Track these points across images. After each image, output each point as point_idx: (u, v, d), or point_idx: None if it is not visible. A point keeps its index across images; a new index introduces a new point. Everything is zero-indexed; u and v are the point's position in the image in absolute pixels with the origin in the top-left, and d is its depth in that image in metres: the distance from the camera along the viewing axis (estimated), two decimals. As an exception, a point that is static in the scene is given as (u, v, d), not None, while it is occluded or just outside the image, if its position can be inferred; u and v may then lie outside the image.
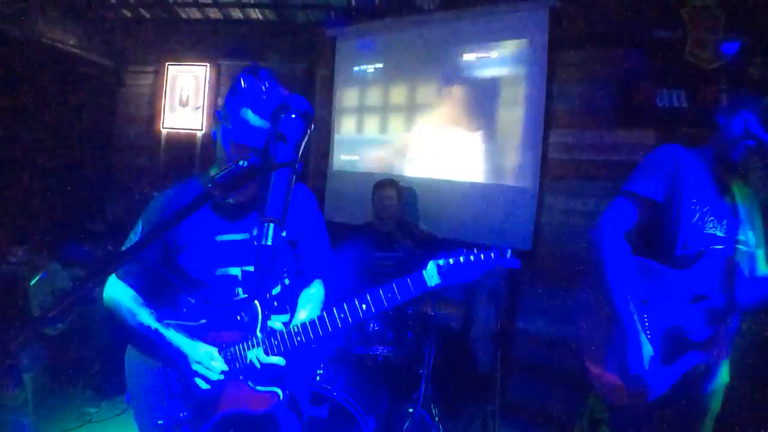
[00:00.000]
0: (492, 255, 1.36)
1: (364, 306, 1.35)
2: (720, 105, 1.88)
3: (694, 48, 2.95)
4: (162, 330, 1.42)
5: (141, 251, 1.41)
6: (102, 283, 1.46)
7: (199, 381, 1.41)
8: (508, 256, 1.38)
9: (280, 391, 1.42)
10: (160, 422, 1.44)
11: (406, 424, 2.69)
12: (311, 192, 1.63)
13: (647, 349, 1.59)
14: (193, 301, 1.49)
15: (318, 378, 2.45)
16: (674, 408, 1.65)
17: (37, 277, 3.12)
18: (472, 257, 1.35)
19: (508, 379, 3.53)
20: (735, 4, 2.90)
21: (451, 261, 1.35)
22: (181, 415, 1.44)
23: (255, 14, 4.58)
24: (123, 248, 1.47)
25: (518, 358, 3.55)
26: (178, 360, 1.41)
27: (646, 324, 1.65)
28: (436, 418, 2.81)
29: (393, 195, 3.47)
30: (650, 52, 3.11)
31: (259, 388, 1.42)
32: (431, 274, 1.35)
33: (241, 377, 1.42)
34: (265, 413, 1.44)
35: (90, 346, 3.22)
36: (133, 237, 1.46)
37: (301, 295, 1.59)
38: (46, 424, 2.98)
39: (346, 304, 1.36)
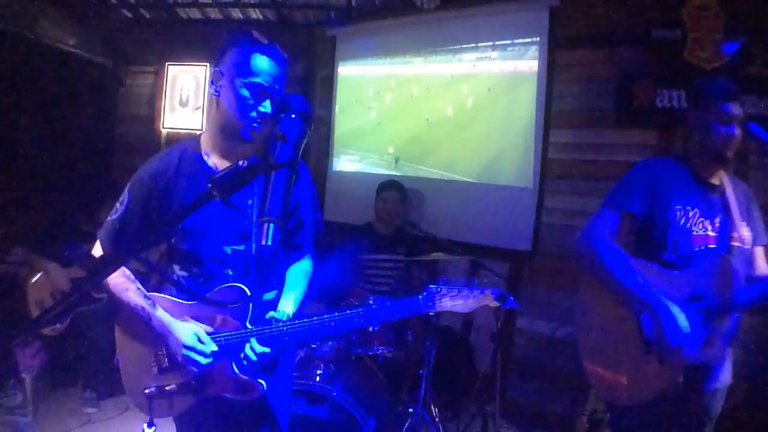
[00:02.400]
0: (490, 293, 1.39)
1: (355, 319, 1.39)
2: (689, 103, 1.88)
3: (694, 48, 2.95)
4: (150, 309, 1.43)
5: (128, 226, 1.46)
6: (100, 282, 1.46)
7: (189, 365, 1.42)
8: (508, 305, 1.41)
9: (264, 383, 1.44)
10: (147, 391, 1.47)
11: (406, 424, 2.69)
12: (306, 165, 1.65)
13: (680, 316, 1.54)
14: (184, 274, 1.49)
15: (318, 378, 2.44)
16: (675, 408, 1.65)
17: (36, 277, 3.12)
18: (473, 292, 1.38)
19: (508, 379, 3.53)
20: (735, 4, 2.90)
21: (452, 292, 1.38)
22: (168, 387, 1.47)
23: (255, 14, 4.58)
24: (109, 218, 1.49)
25: (518, 358, 3.55)
26: (168, 342, 1.43)
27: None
28: (436, 418, 2.81)
29: (398, 197, 3.47)
30: (650, 52, 3.11)
31: (244, 377, 1.43)
32: (428, 300, 1.38)
33: (228, 364, 1.43)
34: (248, 401, 1.46)
35: (90, 346, 3.21)
36: (119, 207, 1.47)
37: (289, 271, 1.57)
38: (46, 424, 2.98)
39: (338, 314, 1.39)
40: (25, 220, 3.96)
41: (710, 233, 1.69)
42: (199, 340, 1.40)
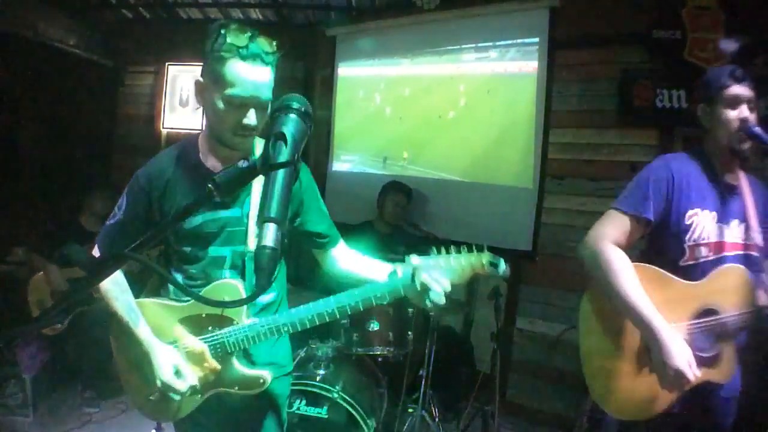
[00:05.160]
0: (482, 258, 1.34)
1: (351, 302, 1.35)
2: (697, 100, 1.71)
3: (694, 48, 2.95)
4: (133, 327, 1.40)
5: (128, 230, 1.43)
6: (99, 283, 1.44)
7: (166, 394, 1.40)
8: (501, 271, 1.34)
9: (267, 375, 1.43)
10: (151, 397, 1.45)
11: (406, 424, 2.69)
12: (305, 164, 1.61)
13: (681, 346, 1.44)
14: (180, 276, 1.47)
15: (318, 378, 2.44)
16: (685, 419, 1.58)
17: (36, 277, 3.12)
18: (464, 259, 1.33)
19: (508, 379, 3.53)
20: (735, 4, 2.90)
21: (441, 262, 1.32)
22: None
23: (255, 14, 4.58)
24: (107, 222, 1.46)
25: (518, 358, 3.55)
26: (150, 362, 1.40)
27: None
28: (436, 418, 2.81)
29: (405, 202, 3.47)
30: (650, 52, 3.11)
31: (247, 372, 1.43)
32: (417, 271, 1.31)
33: (230, 360, 1.42)
34: (254, 395, 1.45)
35: (90, 346, 3.21)
36: (118, 212, 1.44)
37: (355, 258, 1.58)
38: (46, 424, 2.98)
39: (335, 301, 1.36)
40: (25, 220, 3.96)
41: (727, 240, 1.58)
42: (178, 374, 1.37)
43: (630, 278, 1.51)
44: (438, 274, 1.29)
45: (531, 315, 3.52)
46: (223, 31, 1.29)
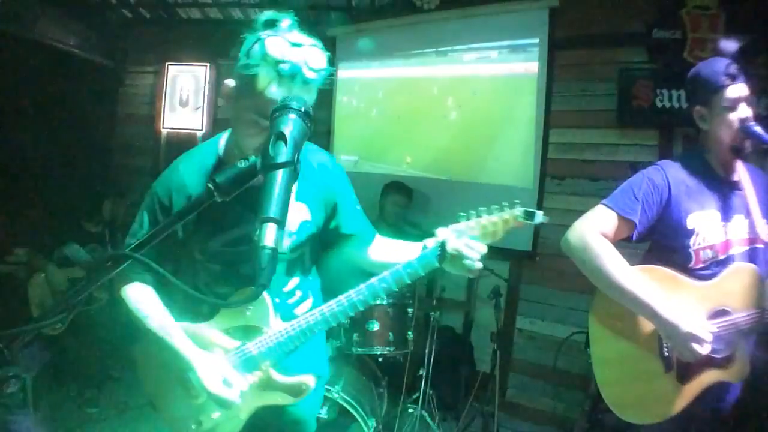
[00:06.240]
0: (515, 213, 1.26)
1: (384, 284, 1.26)
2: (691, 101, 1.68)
3: (694, 48, 2.95)
4: (169, 342, 1.29)
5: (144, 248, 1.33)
6: (104, 284, 1.39)
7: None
8: (538, 220, 1.25)
9: (308, 380, 1.33)
10: (193, 427, 1.37)
11: (406, 424, 2.69)
12: (339, 164, 1.50)
13: (687, 314, 1.43)
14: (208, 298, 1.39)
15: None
16: (697, 422, 1.56)
17: (36, 277, 3.12)
18: (496, 218, 1.26)
19: (508, 379, 3.53)
20: (735, 4, 2.90)
21: (473, 225, 1.25)
22: (213, 416, 1.36)
23: (255, 14, 4.57)
24: (130, 241, 1.33)
25: (518, 358, 3.55)
26: (194, 380, 1.29)
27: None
28: (436, 419, 2.82)
29: (406, 202, 3.47)
30: (650, 52, 3.11)
31: (288, 380, 1.33)
32: (447, 242, 1.23)
33: (265, 371, 1.31)
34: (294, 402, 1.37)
35: (90, 346, 3.21)
36: (140, 230, 1.35)
37: (385, 246, 1.51)
38: (46, 424, 2.98)
39: (367, 288, 1.28)
40: (25, 220, 3.96)
41: (733, 237, 1.57)
42: (226, 384, 1.23)
43: (620, 263, 1.50)
44: (470, 240, 1.24)
45: (531, 315, 3.52)
46: (263, 37, 1.14)
